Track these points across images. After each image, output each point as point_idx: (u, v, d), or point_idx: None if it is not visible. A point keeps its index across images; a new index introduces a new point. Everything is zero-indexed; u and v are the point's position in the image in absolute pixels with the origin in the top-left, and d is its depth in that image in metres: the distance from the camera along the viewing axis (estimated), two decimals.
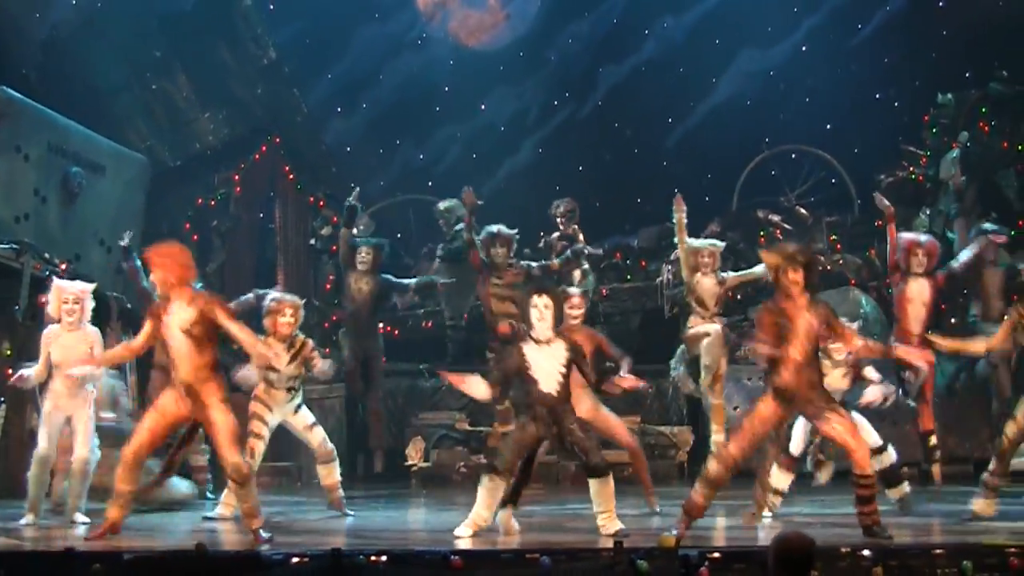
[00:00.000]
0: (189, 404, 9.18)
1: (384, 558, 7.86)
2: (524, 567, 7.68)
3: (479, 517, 9.44)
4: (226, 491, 10.86)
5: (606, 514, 9.51)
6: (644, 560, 7.34)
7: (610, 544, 7.76)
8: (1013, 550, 7.81)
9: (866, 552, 7.73)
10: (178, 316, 9.19)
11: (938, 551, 7.84)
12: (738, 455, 9.21)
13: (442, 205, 17.62)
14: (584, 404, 10.55)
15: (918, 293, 12.37)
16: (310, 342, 11.37)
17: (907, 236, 12.69)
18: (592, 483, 9.53)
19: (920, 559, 7.76)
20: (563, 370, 9.51)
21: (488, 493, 9.46)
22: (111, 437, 11.42)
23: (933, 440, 12.48)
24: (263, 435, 11.12)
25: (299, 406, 11.38)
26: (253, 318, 11.55)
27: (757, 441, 9.40)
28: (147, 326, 9.41)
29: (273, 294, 11.57)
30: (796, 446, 10.85)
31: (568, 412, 9.53)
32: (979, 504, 10.27)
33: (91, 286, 11.19)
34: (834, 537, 9.26)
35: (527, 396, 9.56)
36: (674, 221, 13.20)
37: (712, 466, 9.27)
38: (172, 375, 9.30)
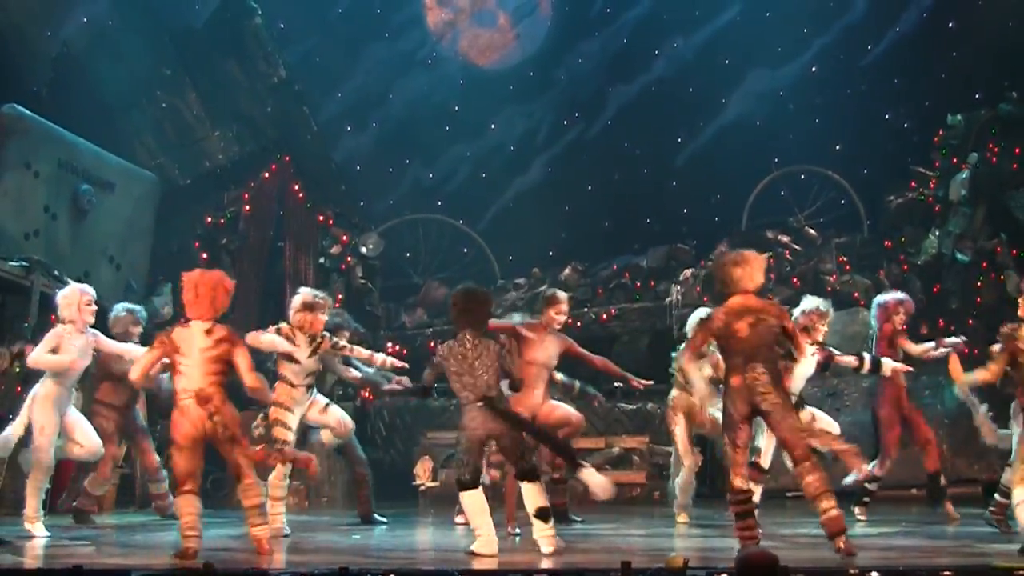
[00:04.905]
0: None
1: None
2: None
3: (486, 533, 9.08)
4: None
5: (547, 529, 9.09)
6: None
7: (617, 565, 7.72)
8: (1022, 573, 7.77)
9: (874, 575, 7.69)
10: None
11: (946, 573, 7.80)
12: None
13: None
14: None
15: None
16: (328, 336, 11.39)
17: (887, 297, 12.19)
18: (524, 488, 9.15)
19: None
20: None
21: (474, 507, 9.18)
22: None
23: (942, 480, 12.08)
24: (289, 440, 11.16)
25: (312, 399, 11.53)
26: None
27: None
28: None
29: (313, 292, 11.47)
30: (765, 459, 10.97)
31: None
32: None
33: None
34: (843, 558, 9.23)
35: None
36: None
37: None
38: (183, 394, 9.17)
